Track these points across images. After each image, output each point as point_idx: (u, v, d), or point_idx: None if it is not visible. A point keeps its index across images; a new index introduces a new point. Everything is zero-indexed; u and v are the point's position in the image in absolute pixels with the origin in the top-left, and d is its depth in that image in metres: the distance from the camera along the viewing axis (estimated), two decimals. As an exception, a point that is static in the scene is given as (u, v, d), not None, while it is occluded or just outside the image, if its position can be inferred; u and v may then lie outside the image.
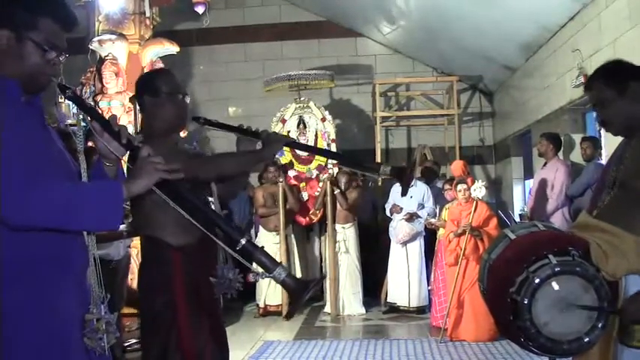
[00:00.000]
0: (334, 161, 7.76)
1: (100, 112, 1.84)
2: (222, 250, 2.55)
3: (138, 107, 2.65)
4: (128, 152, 1.78)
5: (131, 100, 6.08)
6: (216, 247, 2.55)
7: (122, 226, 3.87)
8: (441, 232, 6.46)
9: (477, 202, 5.54)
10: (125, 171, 1.99)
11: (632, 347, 1.89)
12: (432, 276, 6.68)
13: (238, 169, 2.59)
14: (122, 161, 1.84)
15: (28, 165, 1.54)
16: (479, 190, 5.53)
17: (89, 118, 1.77)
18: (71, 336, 1.64)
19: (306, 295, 1.79)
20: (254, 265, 1.75)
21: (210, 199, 2.60)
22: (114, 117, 1.81)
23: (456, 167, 6.89)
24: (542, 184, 6.04)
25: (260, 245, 1.77)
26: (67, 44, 1.74)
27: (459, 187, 5.80)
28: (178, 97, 2.54)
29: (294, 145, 2.83)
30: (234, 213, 8.15)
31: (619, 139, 2.20)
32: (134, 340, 5.03)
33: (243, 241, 1.71)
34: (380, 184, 8.58)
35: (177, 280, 2.35)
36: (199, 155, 2.72)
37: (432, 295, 6.57)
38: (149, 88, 2.54)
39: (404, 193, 2.84)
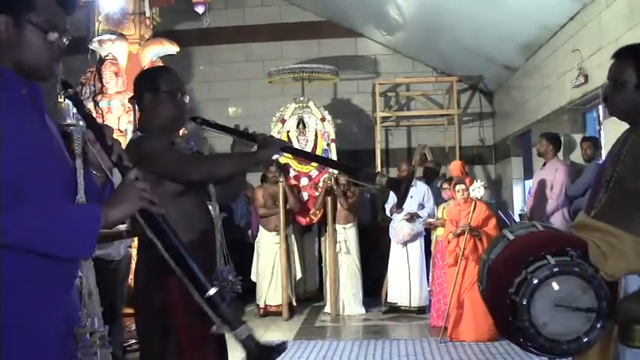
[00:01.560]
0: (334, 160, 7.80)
1: (95, 118, 1.75)
2: (221, 252, 2.54)
3: (136, 104, 2.62)
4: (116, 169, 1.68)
5: (130, 100, 6.09)
6: (214, 247, 2.53)
7: (122, 226, 3.86)
8: (439, 231, 6.47)
9: (475, 202, 5.55)
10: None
11: (634, 348, 1.89)
12: (431, 276, 6.69)
13: (233, 171, 2.54)
14: (111, 174, 1.74)
15: (7, 180, 1.46)
16: (477, 190, 5.54)
17: (85, 124, 1.69)
18: (53, 351, 1.57)
19: None
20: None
21: (209, 203, 2.59)
22: (110, 129, 1.71)
23: (455, 167, 6.90)
24: (542, 185, 6.04)
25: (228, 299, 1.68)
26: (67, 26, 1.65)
27: (458, 187, 5.81)
28: (177, 95, 2.50)
29: (290, 150, 2.81)
30: (234, 212, 8.16)
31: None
32: (134, 340, 5.03)
33: (210, 292, 1.63)
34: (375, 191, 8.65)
35: (174, 279, 2.32)
36: (195, 154, 2.70)
37: (432, 296, 6.58)
38: (148, 84, 2.51)
39: (399, 205, 2.77)
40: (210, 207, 2.58)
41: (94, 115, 4.15)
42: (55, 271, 1.59)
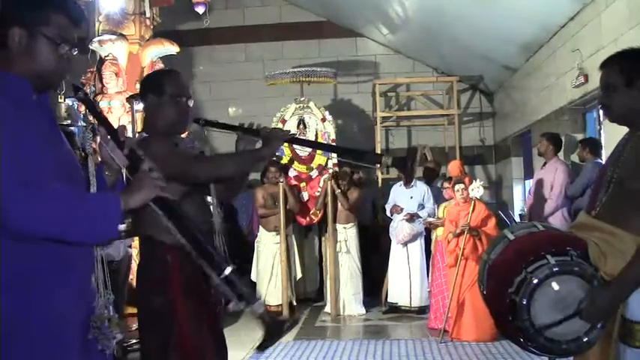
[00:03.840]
0: (335, 160, 7.80)
1: (107, 117, 1.84)
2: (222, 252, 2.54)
3: (141, 106, 2.67)
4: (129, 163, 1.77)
5: (128, 99, 6.09)
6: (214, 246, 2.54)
7: (122, 226, 3.87)
8: (439, 231, 6.47)
9: (474, 202, 5.54)
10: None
11: (635, 347, 1.89)
12: (430, 277, 6.68)
13: (238, 170, 2.57)
14: (123, 171, 1.84)
15: (26, 170, 1.52)
16: (477, 189, 5.52)
17: (96, 122, 1.78)
18: (74, 341, 1.64)
19: (279, 336, 1.86)
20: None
21: (209, 198, 2.59)
22: (122, 127, 1.81)
23: (453, 167, 6.89)
24: (542, 185, 6.03)
25: (244, 276, 1.80)
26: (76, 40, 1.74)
27: (457, 186, 5.81)
28: (182, 99, 2.52)
29: (293, 140, 2.82)
30: (238, 212, 8.16)
31: (619, 138, 2.19)
32: (135, 340, 5.02)
33: (227, 272, 1.72)
34: (382, 174, 8.71)
35: (175, 279, 2.34)
36: (200, 155, 2.72)
37: (431, 297, 6.56)
38: (154, 87, 2.54)
39: (408, 181, 2.85)
40: (211, 208, 2.59)
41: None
42: (72, 264, 1.65)
